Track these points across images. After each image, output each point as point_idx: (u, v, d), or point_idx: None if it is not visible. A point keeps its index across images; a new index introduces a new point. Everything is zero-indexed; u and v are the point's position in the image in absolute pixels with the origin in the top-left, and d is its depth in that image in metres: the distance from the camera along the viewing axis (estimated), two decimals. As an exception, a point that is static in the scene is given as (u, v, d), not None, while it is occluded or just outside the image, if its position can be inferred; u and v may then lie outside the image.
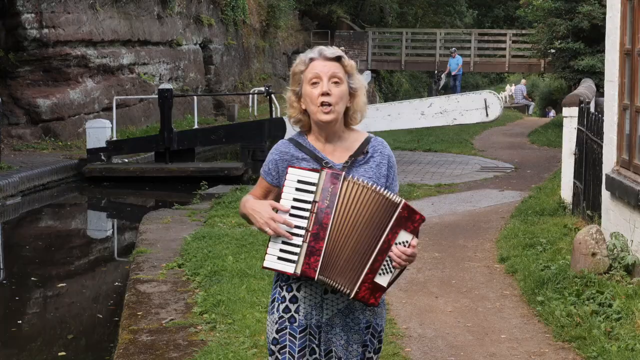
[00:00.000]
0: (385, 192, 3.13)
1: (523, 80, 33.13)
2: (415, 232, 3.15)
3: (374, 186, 3.12)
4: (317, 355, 3.22)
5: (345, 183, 3.11)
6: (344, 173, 3.12)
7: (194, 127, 20.04)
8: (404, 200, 3.14)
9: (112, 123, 17.48)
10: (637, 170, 7.06)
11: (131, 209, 14.78)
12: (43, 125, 19.32)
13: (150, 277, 7.83)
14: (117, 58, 21.77)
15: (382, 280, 3.14)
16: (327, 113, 3.18)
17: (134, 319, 6.58)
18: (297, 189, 3.13)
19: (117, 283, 9.16)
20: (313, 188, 3.11)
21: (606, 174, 7.71)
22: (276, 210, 3.14)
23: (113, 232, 13.11)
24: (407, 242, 3.13)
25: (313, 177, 3.12)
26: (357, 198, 3.11)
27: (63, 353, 6.89)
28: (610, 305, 6.26)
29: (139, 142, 17.62)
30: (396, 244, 3.13)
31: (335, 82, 3.19)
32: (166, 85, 18.60)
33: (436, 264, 8.39)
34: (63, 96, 19.68)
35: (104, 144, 16.62)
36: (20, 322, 7.80)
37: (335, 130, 3.26)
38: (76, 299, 8.84)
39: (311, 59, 3.22)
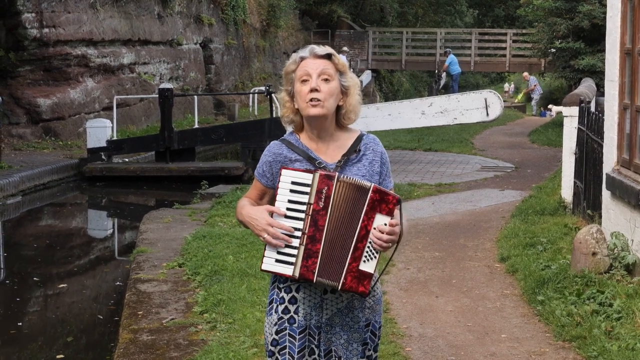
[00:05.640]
0: (356, 179, 3.12)
1: (525, 73, 33.00)
2: (390, 214, 3.12)
3: (353, 179, 3.12)
4: (315, 356, 3.22)
5: (339, 184, 3.11)
6: (337, 174, 3.12)
7: (194, 127, 20.04)
8: (373, 184, 3.13)
9: (112, 122, 17.49)
10: (637, 169, 7.05)
11: (132, 208, 14.78)
12: (43, 124, 19.32)
13: (150, 277, 7.83)
14: (117, 57, 21.77)
15: (367, 267, 3.13)
16: (315, 106, 3.17)
17: (135, 318, 6.58)
18: (292, 191, 3.13)
19: (117, 282, 9.16)
20: (307, 189, 3.11)
21: (606, 174, 7.71)
22: (272, 214, 3.14)
23: (113, 232, 13.11)
24: (385, 224, 3.12)
25: (306, 178, 3.12)
26: (345, 196, 3.12)
27: (62, 355, 6.89)
28: (610, 305, 6.26)
29: (139, 141, 17.61)
30: (374, 228, 3.11)
31: (325, 79, 3.19)
32: (167, 85, 18.60)
33: (437, 263, 8.39)
34: (63, 96, 19.68)
35: (104, 144, 16.63)
36: (20, 322, 7.80)
37: (326, 128, 3.25)
38: (76, 299, 8.84)
39: (302, 58, 3.23)
